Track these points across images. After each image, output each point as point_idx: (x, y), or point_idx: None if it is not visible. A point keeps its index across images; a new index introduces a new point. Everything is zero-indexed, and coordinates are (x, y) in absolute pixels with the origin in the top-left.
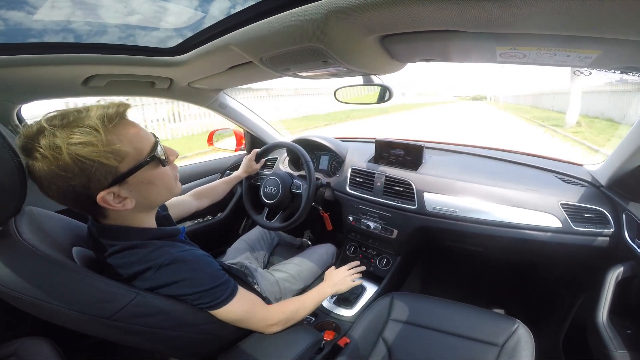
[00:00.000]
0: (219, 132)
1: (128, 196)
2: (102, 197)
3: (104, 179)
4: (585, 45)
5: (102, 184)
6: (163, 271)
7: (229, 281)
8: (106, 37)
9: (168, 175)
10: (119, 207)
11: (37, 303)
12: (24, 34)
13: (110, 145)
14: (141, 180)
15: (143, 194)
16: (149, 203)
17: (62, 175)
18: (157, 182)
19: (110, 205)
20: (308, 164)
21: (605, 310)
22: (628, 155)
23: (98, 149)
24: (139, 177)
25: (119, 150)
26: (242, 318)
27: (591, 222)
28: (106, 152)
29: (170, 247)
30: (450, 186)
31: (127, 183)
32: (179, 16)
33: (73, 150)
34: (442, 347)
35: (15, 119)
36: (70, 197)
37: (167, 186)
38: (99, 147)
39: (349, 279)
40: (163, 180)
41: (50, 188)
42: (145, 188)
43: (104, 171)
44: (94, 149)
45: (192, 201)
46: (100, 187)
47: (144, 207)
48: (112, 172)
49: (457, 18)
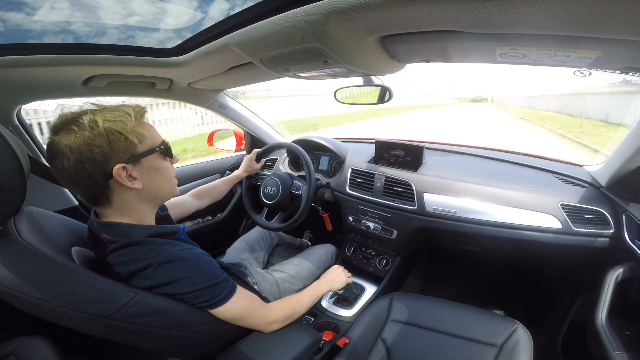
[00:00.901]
0: (219, 132)
1: (137, 177)
2: (117, 169)
3: (123, 153)
4: (585, 45)
5: (120, 158)
6: (162, 269)
7: (228, 280)
8: (106, 38)
9: (172, 172)
10: (128, 184)
11: (36, 302)
12: (23, 34)
13: (136, 127)
14: (151, 166)
15: (150, 179)
16: (153, 192)
17: (90, 144)
18: (164, 172)
19: (121, 180)
20: (308, 165)
21: (604, 311)
22: (628, 156)
23: (127, 127)
24: (150, 161)
25: (141, 133)
26: (241, 316)
27: (591, 223)
28: (132, 130)
29: (170, 245)
30: (450, 187)
31: (140, 164)
32: (178, 17)
33: (108, 124)
34: (441, 348)
35: (15, 120)
36: (87, 169)
37: (170, 180)
38: (128, 126)
39: (343, 275)
40: (168, 173)
41: (69, 160)
42: (153, 174)
43: (125, 146)
44: (123, 125)
45: (192, 201)
46: (117, 160)
47: (148, 197)
48: (131, 148)
49: (457, 18)
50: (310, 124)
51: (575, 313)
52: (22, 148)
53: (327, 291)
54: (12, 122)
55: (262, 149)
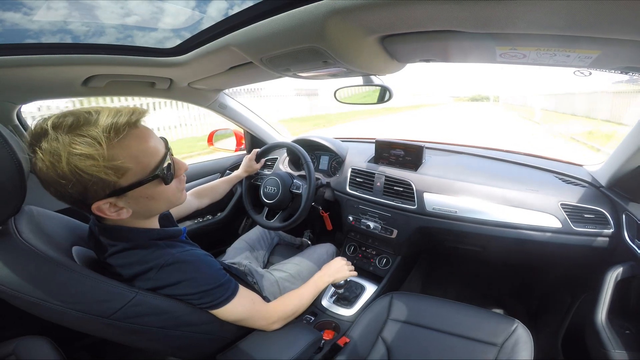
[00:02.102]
0: (219, 132)
1: (125, 207)
2: (97, 207)
3: (101, 191)
4: (585, 45)
5: (99, 195)
6: (165, 271)
7: (230, 281)
8: (104, 38)
9: (171, 191)
10: (113, 216)
11: (36, 302)
12: (23, 34)
13: (112, 160)
14: (141, 195)
15: (141, 206)
16: (148, 213)
17: (60, 182)
18: (158, 198)
19: (104, 214)
20: (308, 164)
21: (604, 311)
22: (628, 155)
23: (98, 164)
24: (139, 192)
25: (120, 167)
26: (243, 317)
27: (591, 223)
28: (106, 168)
29: (172, 247)
30: (450, 186)
31: (126, 196)
32: (177, 17)
33: (72, 161)
34: (441, 347)
35: (15, 119)
36: (67, 200)
37: (167, 200)
38: (99, 162)
39: (346, 268)
40: (164, 195)
41: (49, 188)
42: (144, 202)
43: (102, 185)
44: (93, 163)
45: (192, 200)
46: (96, 198)
47: (143, 216)
48: (110, 186)
49: (457, 18)
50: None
51: (576, 312)
52: (22, 148)
53: (330, 283)
54: (12, 121)
55: (261, 149)
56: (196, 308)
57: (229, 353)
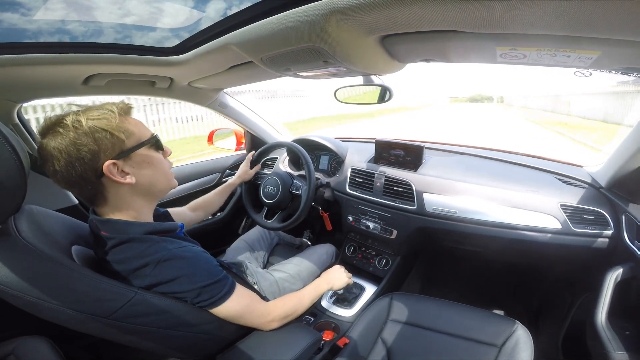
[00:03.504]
0: (219, 131)
1: (130, 172)
2: (107, 165)
3: (111, 150)
4: (585, 45)
5: (109, 154)
6: (161, 267)
7: (227, 277)
8: (103, 38)
9: (165, 164)
10: (120, 180)
11: (35, 302)
12: (22, 34)
13: (122, 123)
14: (142, 160)
15: (143, 172)
16: (148, 185)
17: (77, 144)
18: (156, 165)
19: (113, 176)
20: (308, 164)
21: (604, 312)
22: (628, 156)
23: (111, 123)
24: (141, 155)
25: (127, 128)
26: (240, 315)
27: (591, 224)
28: (118, 126)
29: (168, 242)
30: (450, 187)
31: (130, 159)
32: (177, 17)
33: (92, 122)
34: (441, 348)
35: (15, 118)
36: (77, 169)
37: (164, 173)
38: (112, 122)
39: (344, 275)
40: (161, 165)
41: (59, 162)
42: (145, 168)
43: (112, 142)
44: (108, 122)
45: (187, 213)
46: (106, 157)
47: (143, 190)
48: (119, 144)
49: (457, 18)
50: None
51: (576, 313)
52: (23, 146)
53: (328, 290)
54: (12, 120)
55: (255, 155)
56: (195, 307)
57: (228, 353)
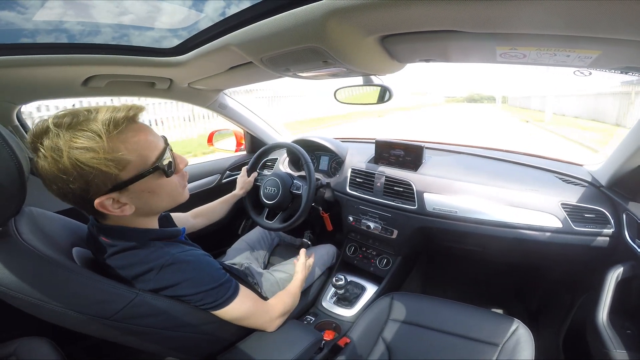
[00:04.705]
0: (219, 132)
1: (128, 202)
2: (100, 202)
3: (103, 185)
4: (585, 45)
5: (101, 189)
6: (165, 272)
7: (231, 280)
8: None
9: (174, 185)
10: (117, 212)
11: (36, 303)
12: (18, 34)
13: (112, 152)
14: (143, 189)
15: (144, 201)
16: (150, 210)
17: (62, 178)
18: (160, 192)
19: (108, 211)
20: (308, 165)
21: (605, 310)
22: (628, 155)
23: (99, 156)
24: (140, 185)
25: (120, 159)
26: (245, 316)
27: (591, 222)
28: (107, 160)
29: (171, 247)
30: (450, 186)
31: (128, 190)
32: (177, 17)
33: (73, 154)
34: (442, 347)
35: (15, 120)
36: (70, 198)
37: (170, 195)
38: (99, 154)
39: (304, 261)
40: (167, 189)
41: (51, 187)
42: (146, 196)
43: (103, 178)
44: (94, 156)
45: (191, 220)
46: (99, 193)
47: (145, 213)
48: (111, 179)
49: (457, 18)
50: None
51: (576, 312)
52: (22, 148)
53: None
54: (12, 122)
55: (250, 164)
56: (197, 309)
57: (229, 354)
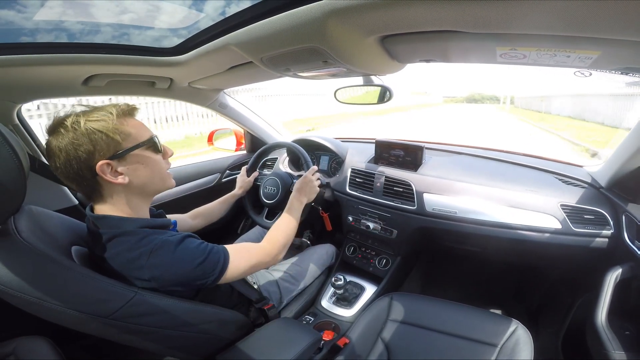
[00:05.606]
0: (219, 131)
1: (123, 173)
2: (100, 165)
3: (106, 150)
4: (585, 45)
5: (103, 155)
6: (155, 255)
7: (215, 245)
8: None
9: (162, 165)
10: (112, 179)
11: (35, 302)
12: (18, 33)
13: (119, 125)
14: (137, 160)
15: (137, 173)
16: (142, 185)
17: (75, 143)
18: (152, 167)
19: (105, 176)
20: (308, 164)
21: (604, 311)
22: (628, 156)
23: (108, 125)
24: (135, 156)
25: (124, 130)
26: (250, 266)
27: (591, 223)
28: (114, 128)
29: (159, 234)
30: (450, 187)
31: (125, 160)
32: (178, 16)
33: (89, 124)
34: (441, 348)
35: (15, 119)
36: (74, 167)
37: (160, 174)
38: (109, 124)
39: (315, 184)
40: (157, 167)
41: (60, 159)
42: (139, 169)
43: (107, 143)
44: (105, 124)
45: (189, 221)
46: (101, 157)
47: (137, 190)
48: (114, 145)
49: (457, 18)
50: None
51: (575, 313)
52: (22, 147)
53: (306, 202)
54: (12, 121)
55: (249, 164)
56: (194, 306)
57: (228, 353)
